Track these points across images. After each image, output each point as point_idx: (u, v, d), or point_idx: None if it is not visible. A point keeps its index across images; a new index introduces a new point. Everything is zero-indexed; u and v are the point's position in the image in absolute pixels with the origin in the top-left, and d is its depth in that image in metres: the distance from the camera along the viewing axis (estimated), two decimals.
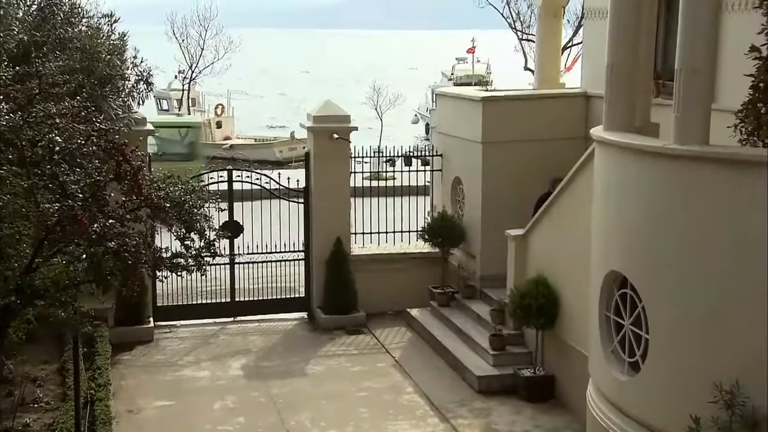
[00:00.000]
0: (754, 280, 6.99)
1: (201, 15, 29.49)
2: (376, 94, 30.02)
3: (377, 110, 29.89)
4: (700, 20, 7.36)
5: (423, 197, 16.14)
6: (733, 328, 7.17)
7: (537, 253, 12.00)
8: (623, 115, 8.84)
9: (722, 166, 7.19)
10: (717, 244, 7.24)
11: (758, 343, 6.97)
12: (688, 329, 7.52)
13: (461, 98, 14.66)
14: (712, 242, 7.27)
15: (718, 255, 7.23)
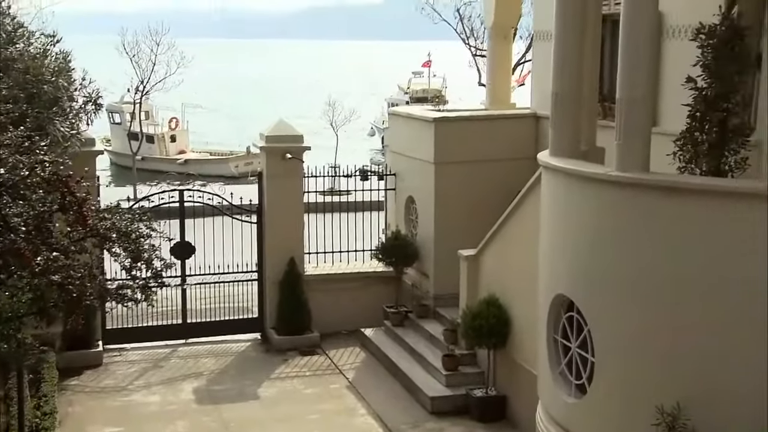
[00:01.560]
0: (694, 303, 7.18)
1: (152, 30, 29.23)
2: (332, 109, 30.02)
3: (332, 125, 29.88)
4: (639, 50, 7.54)
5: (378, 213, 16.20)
6: (674, 351, 7.33)
7: (488, 273, 12.13)
8: (569, 140, 9.00)
9: (662, 193, 7.37)
10: (657, 268, 7.40)
11: (698, 365, 7.15)
12: (630, 352, 7.67)
13: (413, 118, 14.77)
14: (653, 267, 7.43)
15: (659, 280, 7.39)
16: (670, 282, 7.33)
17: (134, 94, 29.87)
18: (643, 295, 7.54)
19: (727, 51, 7.57)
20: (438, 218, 13.93)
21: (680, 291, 7.28)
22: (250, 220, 14.79)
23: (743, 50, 7.73)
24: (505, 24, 15.22)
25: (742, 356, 6.94)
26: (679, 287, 7.29)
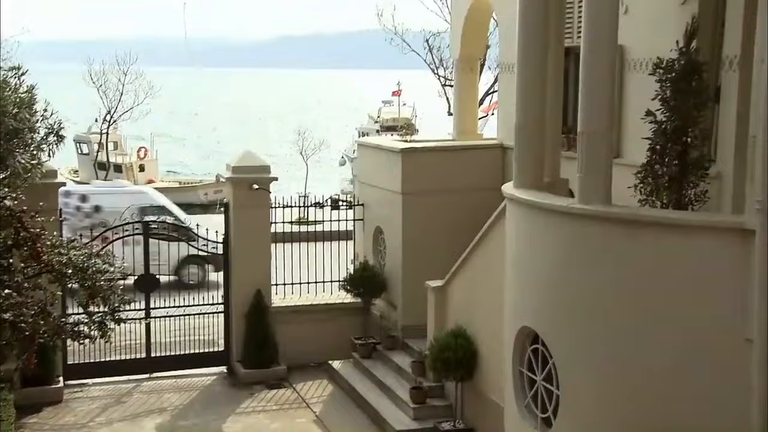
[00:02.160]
0: (658, 336, 7.19)
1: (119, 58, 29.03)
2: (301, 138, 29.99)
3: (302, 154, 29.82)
4: (599, 84, 7.63)
5: (346, 242, 16.12)
6: (639, 384, 7.32)
7: (456, 304, 12.08)
8: (532, 172, 9.05)
9: (623, 226, 7.41)
10: (621, 301, 7.42)
11: (663, 398, 7.14)
12: (595, 385, 7.65)
13: (381, 149, 14.78)
14: (617, 299, 7.45)
15: (622, 312, 7.40)
16: (634, 314, 7.34)
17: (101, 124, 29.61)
18: (607, 328, 7.54)
19: (684, 85, 7.68)
20: (406, 249, 13.89)
21: (644, 324, 7.29)
22: (217, 251, 14.61)
23: (701, 84, 7.84)
24: (472, 56, 15.37)
25: (706, 390, 6.94)
26: (642, 320, 7.30)
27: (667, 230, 7.16)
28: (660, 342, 7.18)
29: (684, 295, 7.06)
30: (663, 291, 7.17)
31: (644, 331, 7.28)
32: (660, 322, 7.18)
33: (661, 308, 7.17)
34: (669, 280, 7.13)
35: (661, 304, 7.17)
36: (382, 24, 31.20)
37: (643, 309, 7.28)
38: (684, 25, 8.37)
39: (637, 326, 7.32)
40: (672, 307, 7.12)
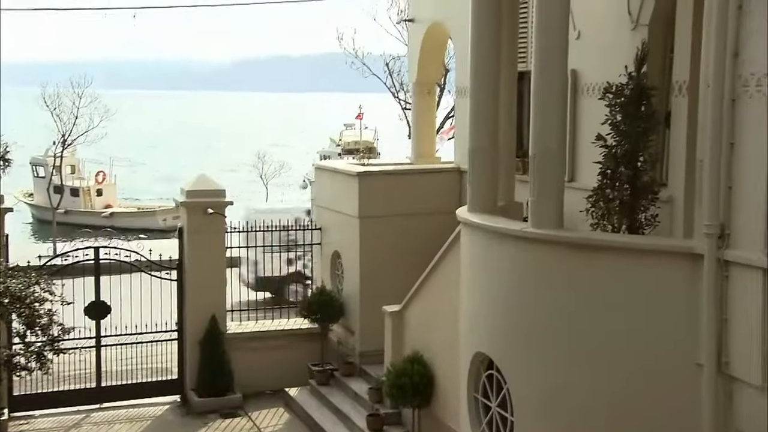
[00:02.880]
0: (611, 360, 7.14)
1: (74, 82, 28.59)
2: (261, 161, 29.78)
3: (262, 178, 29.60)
4: (550, 108, 7.64)
5: None
6: (589, 409, 7.26)
7: (413, 329, 11.95)
8: (486, 196, 9.01)
9: (575, 250, 7.39)
10: (574, 325, 7.37)
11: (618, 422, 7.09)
12: (549, 410, 7.57)
13: (338, 172, 14.68)
14: (570, 323, 7.40)
15: (576, 336, 7.35)
16: (587, 339, 7.29)
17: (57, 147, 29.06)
18: (561, 352, 7.48)
19: (633, 110, 7.73)
20: (363, 273, 13.76)
21: (597, 348, 7.24)
22: (170, 277, 14.33)
23: (650, 109, 7.90)
24: (429, 80, 15.42)
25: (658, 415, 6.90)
26: (595, 345, 7.26)
27: (618, 254, 7.15)
28: (613, 367, 7.14)
29: (636, 320, 7.04)
30: (615, 316, 7.14)
31: (597, 356, 7.23)
32: (613, 347, 7.14)
33: (614, 333, 7.14)
34: (621, 305, 7.10)
35: (613, 328, 7.14)
36: (343, 47, 31.31)
37: (596, 334, 7.24)
38: (635, 51, 8.45)
39: (590, 351, 7.27)
40: (624, 333, 7.09)
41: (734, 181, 6.40)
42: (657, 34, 9.28)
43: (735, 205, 6.40)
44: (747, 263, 6.25)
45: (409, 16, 15.44)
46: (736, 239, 6.38)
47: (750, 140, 6.27)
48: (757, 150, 6.18)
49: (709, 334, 6.47)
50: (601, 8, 10.09)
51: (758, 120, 6.18)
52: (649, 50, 8.64)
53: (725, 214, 6.44)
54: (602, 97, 7.99)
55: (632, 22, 9.48)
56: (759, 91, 6.18)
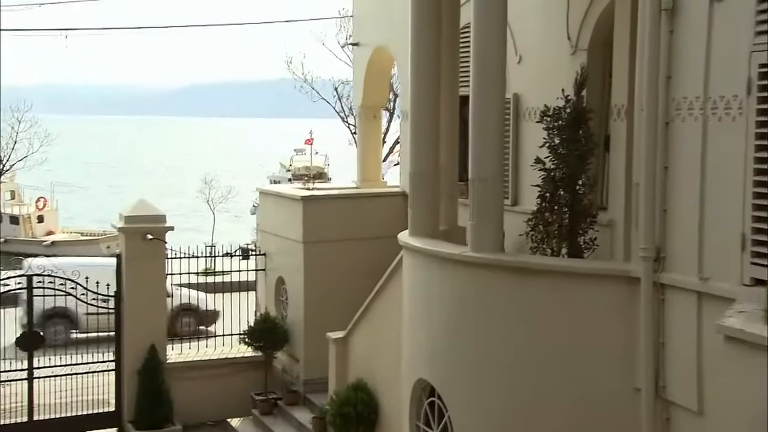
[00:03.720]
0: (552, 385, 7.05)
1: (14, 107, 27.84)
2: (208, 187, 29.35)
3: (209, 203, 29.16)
4: (489, 132, 7.60)
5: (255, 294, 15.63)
6: None
7: (357, 356, 11.74)
8: (428, 220, 8.92)
9: (515, 274, 7.31)
10: (514, 351, 7.28)
11: None
12: None
13: (282, 196, 14.47)
14: (510, 349, 7.30)
15: (517, 361, 7.26)
16: (527, 365, 7.20)
17: None
18: (501, 378, 7.37)
19: (571, 133, 7.74)
20: (308, 299, 13.52)
21: (537, 374, 7.15)
22: (107, 306, 13.88)
23: (587, 133, 7.92)
24: (374, 104, 15.36)
25: None
26: (536, 370, 7.17)
27: (557, 278, 7.09)
28: (554, 392, 7.05)
29: (576, 344, 6.98)
30: (555, 340, 7.07)
31: (538, 382, 7.14)
32: (553, 371, 7.06)
33: (554, 358, 7.06)
34: (561, 330, 7.04)
35: (553, 353, 7.07)
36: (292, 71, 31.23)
37: (536, 359, 7.16)
38: (575, 75, 8.50)
39: (530, 377, 7.18)
40: (565, 357, 7.02)
41: (669, 204, 6.41)
42: (596, 58, 9.36)
43: (670, 228, 6.41)
44: (682, 286, 6.24)
45: (354, 40, 15.41)
46: (671, 262, 6.38)
47: (683, 163, 6.30)
48: (691, 173, 6.21)
49: (647, 358, 6.43)
50: (542, 33, 10.16)
51: (691, 143, 6.22)
52: (589, 74, 8.71)
53: (661, 238, 6.44)
54: (540, 120, 7.98)
55: (572, 46, 9.56)
56: (691, 114, 6.22)
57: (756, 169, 5.66)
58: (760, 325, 4.58)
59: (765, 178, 5.61)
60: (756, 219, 5.67)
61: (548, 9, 9.89)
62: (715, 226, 6.00)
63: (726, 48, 5.90)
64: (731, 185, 5.84)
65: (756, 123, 5.65)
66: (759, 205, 5.64)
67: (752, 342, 4.47)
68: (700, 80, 6.10)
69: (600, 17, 9.10)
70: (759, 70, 5.60)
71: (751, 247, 5.68)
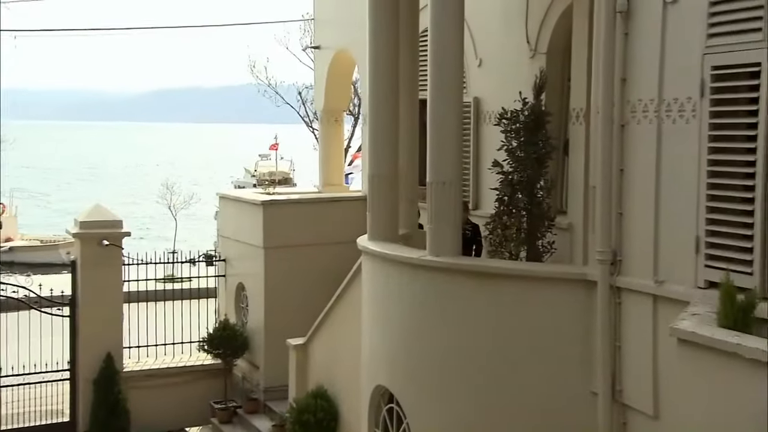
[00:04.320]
0: (507, 391, 6.99)
1: None
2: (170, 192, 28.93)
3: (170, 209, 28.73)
4: (447, 135, 7.53)
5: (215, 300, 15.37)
6: None
7: (318, 363, 11.59)
8: (387, 224, 8.83)
9: (473, 278, 7.24)
10: (473, 355, 7.20)
11: None
12: None
13: (242, 201, 14.26)
14: (468, 354, 7.22)
15: (474, 367, 7.18)
16: (486, 370, 7.12)
17: None
18: (459, 383, 7.29)
19: (529, 136, 7.69)
20: (268, 305, 13.32)
21: (495, 378, 7.08)
22: (62, 313, 13.53)
23: (545, 136, 7.88)
24: (336, 108, 15.25)
25: None
26: (494, 375, 7.09)
27: (515, 282, 7.04)
28: (513, 397, 6.99)
29: (534, 348, 6.93)
30: (514, 344, 7.01)
31: (496, 387, 7.07)
32: (512, 375, 7.00)
33: (513, 362, 7.00)
34: (519, 334, 6.98)
35: (512, 357, 7.01)
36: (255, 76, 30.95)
37: (494, 364, 7.09)
38: (534, 79, 8.47)
39: (489, 382, 7.11)
40: (523, 362, 6.96)
41: (625, 207, 6.39)
42: (555, 62, 9.36)
43: (626, 231, 6.39)
44: (638, 289, 6.22)
45: (316, 43, 15.28)
46: (627, 265, 6.36)
47: (639, 166, 6.28)
48: (646, 176, 6.20)
49: (603, 362, 6.39)
50: (502, 37, 10.14)
51: (646, 146, 6.20)
52: (548, 78, 8.69)
53: (617, 241, 6.42)
54: (498, 123, 7.94)
55: (531, 50, 9.55)
56: (646, 117, 6.21)
57: (709, 171, 5.65)
58: (713, 327, 4.55)
59: (718, 181, 5.61)
60: (710, 221, 5.66)
61: (508, 13, 9.87)
62: (670, 229, 5.99)
63: (679, 50, 5.89)
64: (685, 188, 5.83)
65: (709, 125, 5.65)
66: (712, 208, 5.64)
67: (705, 345, 4.43)
68: (654, 83, 6.10)
69: (559, 21, 9.10)
70: (712, 72, 5.60)
71: (705, 249, 5.67)
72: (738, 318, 4.52)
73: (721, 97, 5.59)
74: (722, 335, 4.36)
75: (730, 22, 5.52)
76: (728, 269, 5.29)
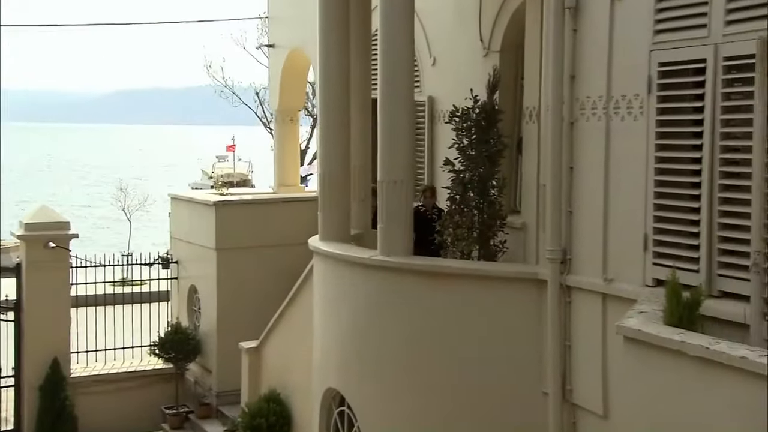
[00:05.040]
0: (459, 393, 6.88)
1: None
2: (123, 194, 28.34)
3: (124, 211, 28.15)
4: (397, 134, 7.41)
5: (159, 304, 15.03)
6: None
7: (271, 366, 11.38)
8: (339, 224, 8.67)
9: (425, 278, 7.13)
10: (424, 357, 7.08)
11: None
12: None
13: (195, 202, 13.98)
14: (420, 355, 7.10)
15: (425, 369, 7.06)
16: (438, 371, 7.01)
17: None
18: (411, 385, 7.17)
19: (480, 134, 7.60)
20: (221, 308, 13.06)
21: (448, 380, 6.97)
22: (6, 317, 13.11)
23: (496, 134, 7.80)
24: (291, 107, 15.05)
25: None
26: (446, 376, 6.98)
27: (466, 281, 6.94)
28: (464, 398, 6.88)
29: (487, 348, 6.83)
30: (466, 345, 6.90)
31: (448, 388, 6.96)
32: (464, 376, 6.89)
33: (465, 362, 6.89)
34: (472, 334, 6.88)
35: (464, 358, 6.90)
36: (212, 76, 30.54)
37: (447, 365, 6.98)
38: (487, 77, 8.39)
39: (440, 383, 6.99)
40: (475, 361, 6.86)
41: (575, 205, 6.33)
42: (508, 60, 9.29)
43: (576, 229, 6.32)
44: (588, 288, 6.16)
45: (270, 42, 15.06)
46: (577, 264, 6.29)
47: (588, 164, 6.22)
48: (595, 173, 6.14)
49: (554, 362, 6.32)
50: (456, 35, 10.05)
51: (595, 143, 6.15)
52: (501, 76, 8.61)
53: (567, 239, 6.35)
54: (449, 121, 7.83)
55: (484, 48, 9.48)
56: (595, 114, 6.15)
57: (657, 168, 5.61)
58: (659, 325, 4.49)
59: (665, 178, 5.57)
60: (657, 219, 5.62)
61: (462, 11, 9.79)
62: (619, 227, 5.94)
63: (627, 46, 5.85)
64: (634, 185, 5.78)
65: (656, 122, 5.61)
66: (660, 205, 5.59)
67: (650, 342, 4.36)
68: (603, 79, 6.04)
69: (512, 19, 9.04)
70: (659, 69, 5.56)
71: (653, 247, 5.62)
72: (683, 315, 4.47)
73: (667, 93, 5.55)
74: (667, 333, 4.29)
75: (675, 18, 5.49)
76: (675, 267, 5.24)
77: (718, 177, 5.15)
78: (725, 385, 3.92)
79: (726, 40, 5.10)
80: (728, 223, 5.10)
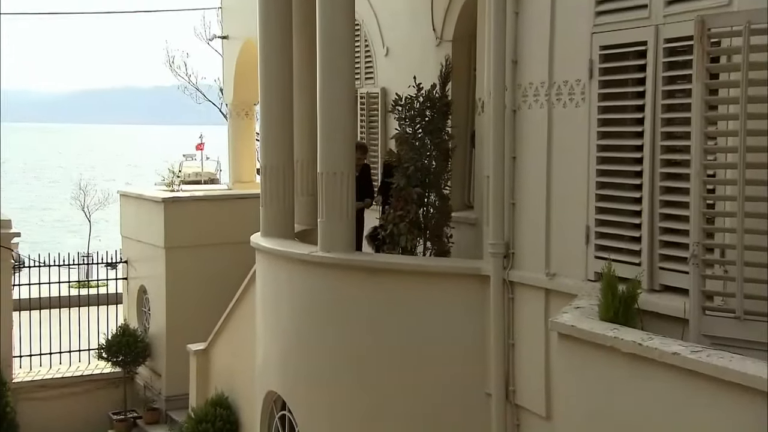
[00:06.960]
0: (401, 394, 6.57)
1: None
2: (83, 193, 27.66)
3: (84, 210, 27.48)
4: (337, 127, 7.08)
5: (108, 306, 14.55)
6: None
7: (219, 369, 10.98)
8: (281, 219, 8.30)
9: (366, 274, 6.81)
10: (365, 356, 6.76)
11: None
12: None
13: (143, 199, 13.54)
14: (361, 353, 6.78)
15: (366, 369, 6.74)
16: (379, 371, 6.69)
17: None
18: (351, 387, 6.84)
19: (426, 125, 7.30)
20: (170, 309, 12.66)
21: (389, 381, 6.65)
22: None
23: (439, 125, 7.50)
24: (246, 100, 14.66)
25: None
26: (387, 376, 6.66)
27: (408, 277, 6.63)
28: (406, 398, 6.57)
29: (428, 346, 6.52)
30: (408, 343, 6.59)
31: (389, 389, 6.64)
32: (406, 376, 6.58)
33: (407, 362, 6.58)
34: (414, 332, 6.56)
35: (406, 357, 6.59)
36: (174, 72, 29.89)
37: (388, 364, 6.66)
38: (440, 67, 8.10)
39: (381, 384, 6.67)
40: (417, 361, 6.54)
41: (518, 197, 6.04)
42: (461, 50, 9.03)
43: (519, 222, 6.03)
44: (531, 283, 5.87)
45: (224, 33, 14.65)
46: (520, 258, 6.00)
47: (531, 153, 5.93)
48: (538, 163, 5.85)
49: (496, 362, 6.02)
50: (408, 25, 9.76)
51: (538, 131, 5.86)
52: (453, 67, 8.33)
53: (510, 233, 6.06)
54: (392, 110, 7.52)
55: (437, 38, 9.21)
56: (537, 100, 5.86)
57: (599, 157, 5.32)
58: (593, 321, 4.21)
59: (607, 167, 5.29)
60: (599, 210, 5.34)
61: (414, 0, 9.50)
62: (562, 219, 5.65)
63: (569, 29, 5.56)
64: (576, 175, 5.49)
65: (598, 109, 5.32)
66: (602, 196, 5.32)
67: (584, 339, 4.08)
68: (545, 64, 5.75)
69: (464, 7, 8.78)
70: (600, 53, 5.28)
71: (595, 240, 5.34)
72: (619, 310, 4.19)
73: (609, 78, 5.27)
74: (601, 329, 4.01)
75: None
76: (617, 260, 4.97)
77: (659, 165, 4.88)
78: (659, 381, 3.65)
79: (667, 21, 4.84)
80: (670, 214, 4.84)
